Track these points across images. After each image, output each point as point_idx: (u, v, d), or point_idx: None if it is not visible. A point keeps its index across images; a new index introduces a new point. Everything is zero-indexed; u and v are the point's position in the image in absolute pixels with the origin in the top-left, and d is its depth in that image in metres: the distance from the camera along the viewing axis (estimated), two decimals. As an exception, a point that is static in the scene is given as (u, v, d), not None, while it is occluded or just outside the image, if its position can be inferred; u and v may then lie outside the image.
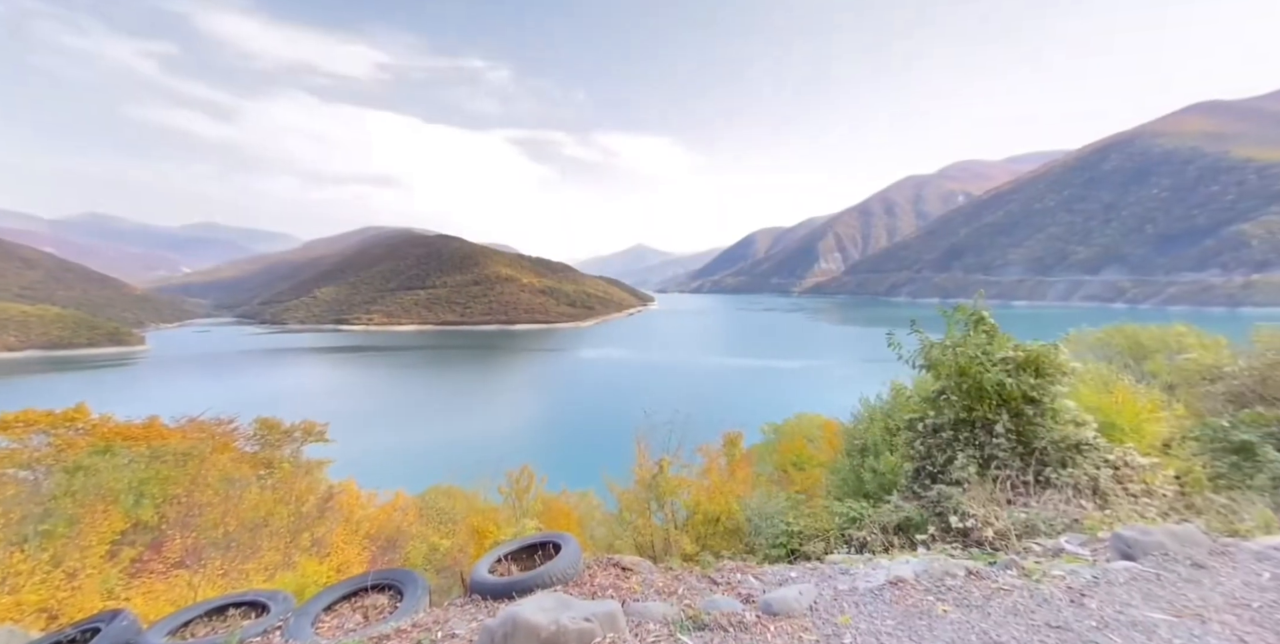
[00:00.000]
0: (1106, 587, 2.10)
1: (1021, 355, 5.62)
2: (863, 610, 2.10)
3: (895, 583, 2.23)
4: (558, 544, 2.89)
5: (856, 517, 6.82)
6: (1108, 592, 2.06)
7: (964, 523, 4.39)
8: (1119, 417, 7.23)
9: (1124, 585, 2.11)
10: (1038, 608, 2.00)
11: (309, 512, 10.29)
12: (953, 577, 2.23)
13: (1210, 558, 2.26)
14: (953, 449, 5.75)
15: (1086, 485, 5.50)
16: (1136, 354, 14.03)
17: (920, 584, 2.22)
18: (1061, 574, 2.19)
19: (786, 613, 2.04)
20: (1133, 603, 1.98)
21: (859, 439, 10.78)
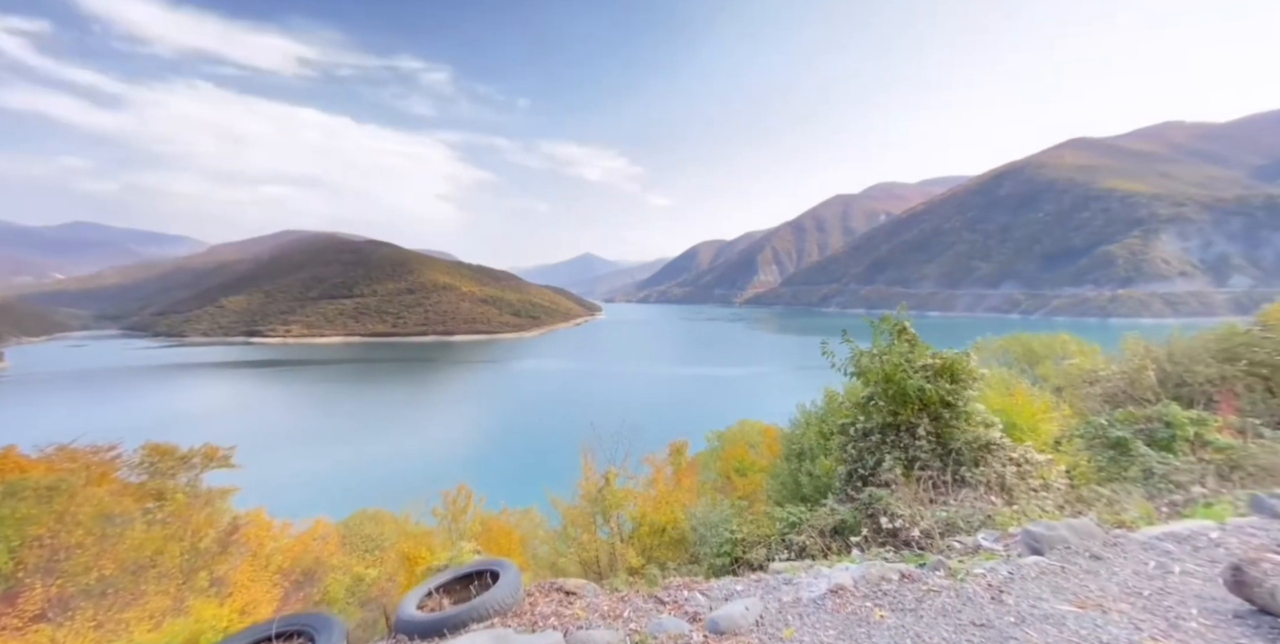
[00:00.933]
0: (1021, 582, 2.25)
1: (938, 363, 6.08)
2: (806, 622, 2.11)
3: (836, 591, 2.26)
4: (495, 572, 2.70)
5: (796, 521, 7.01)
6: (1022, 587, 2.20)
7: (893, 523, 4.63)
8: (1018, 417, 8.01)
9: (1035, 580, 2.27)
10: (964, 607, 2.10)
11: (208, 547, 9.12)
12: (888, 581, 2.30)
13: (1105, 549, 2.49)
14: (881, 452, 6.09)
15: (995, 482, 6.01)
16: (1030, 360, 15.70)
17: (859, 591, 2.27)
18: (982, 572, 2.33)
19: (733, 630, 2.01)
20: (1044, 597, 2.13)
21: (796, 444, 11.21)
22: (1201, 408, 8.10)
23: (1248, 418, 7.62)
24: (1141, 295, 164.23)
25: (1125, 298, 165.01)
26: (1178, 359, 10.01)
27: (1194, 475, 5.92)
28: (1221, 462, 6.19)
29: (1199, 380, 9.22)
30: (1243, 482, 5.51)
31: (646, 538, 10.08)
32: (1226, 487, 4.99)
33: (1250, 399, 8.45)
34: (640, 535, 10.06)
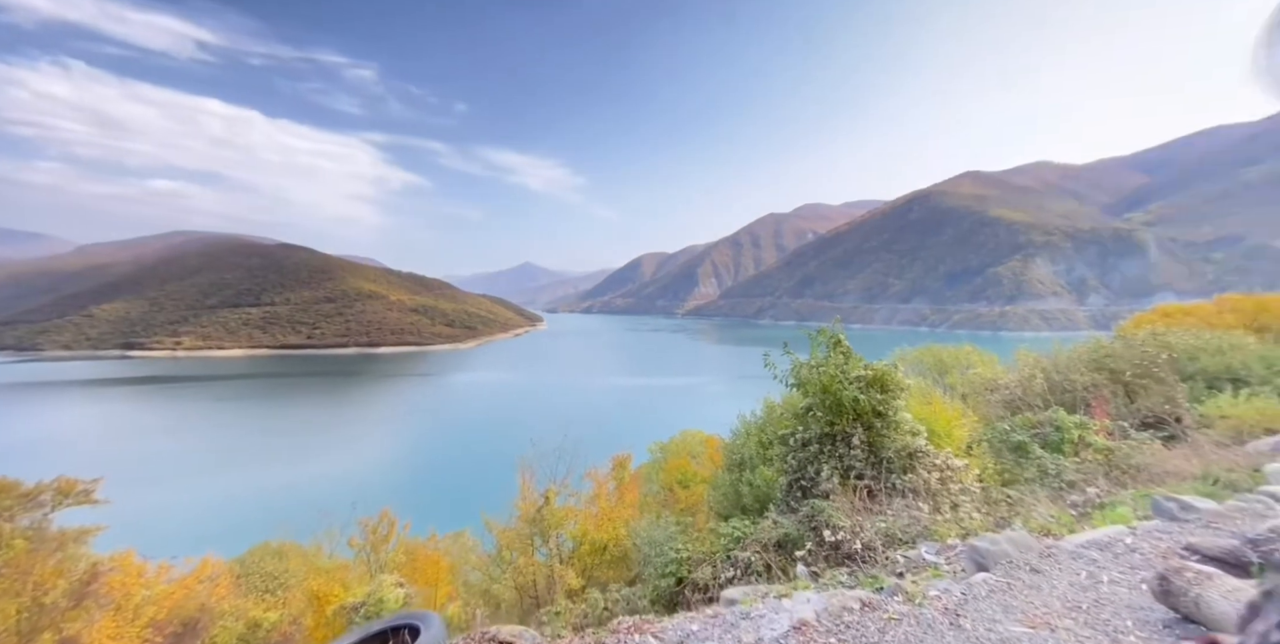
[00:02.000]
0: (974, 602, 2.22)
1: (870, 374, 6.32)
2: (769, 669, 1.93)
3: (798, 627, 2.12)
4: (415, 627, 2.30)
5: (740, 536, 6.93)
6: (976, 608, 2.18)
7: (835, 536, 4.66)
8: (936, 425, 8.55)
9: (986, 599, 2.25)
10: (925, 635, 2.03)
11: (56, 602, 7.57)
12: (850, 611, 2.20)
13: (1041, 561, 2.56)
14: (820, 461, 6.19)
15: (923, 488, 6.32)
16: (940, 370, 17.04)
17: (822, 625, 2.14)
18: (937, 594, 2.29)
19: (692, 690, 1.79)
20: (997, 618, 2.11)
21: (737, 454, 11.30)
22: (1081, 412, 9.17)
23: (1118, 420, 8.72)
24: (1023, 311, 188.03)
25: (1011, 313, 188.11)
26: (1060, 369, 11.33)
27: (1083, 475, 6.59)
28: (1101, 461, 6.95)
29: (1077, 388, 10.47)
30: (1122, 480, 6.20)
31: (587, 557, 9.67)
32: (1113, 486, 5.57)
33: (1116, 404, 9.69)
34: (581, 555, 9.64)
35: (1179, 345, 10.92)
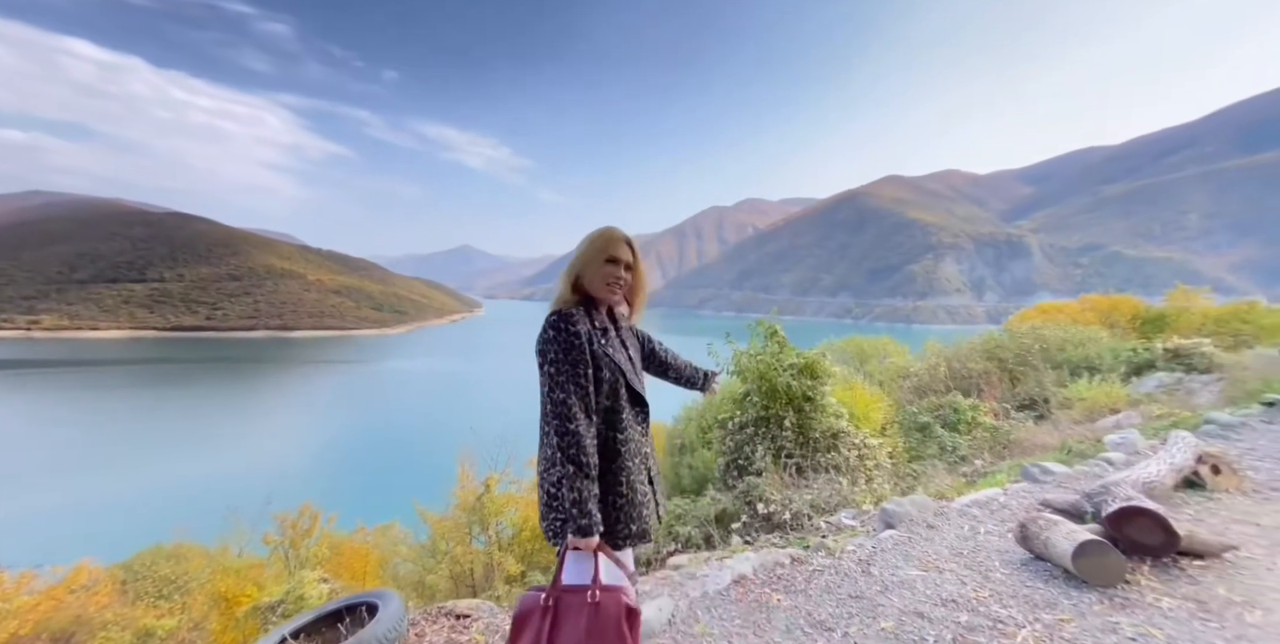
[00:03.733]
0: (881, 554, 2.62)
1: (801, 362, 6.88)
2: (714, 614, 2.18)
3: (738, 581, 2.39)
4: (372, 604, 2.31)
5: (681, 514, 7.32)
6: (883, 558, 2.57)
7: (768, 509, 5.12)
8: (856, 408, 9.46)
9: (891, 550, 2.66)
10: (842, 582, 2.38)
11: None
12: (781, 566, 2.51)
13: (935, 519, 3.03)
14: (755, 443, 6.70)
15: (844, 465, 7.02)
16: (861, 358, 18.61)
17: (758, 578, 2.43)
18: (853, 548, 2.66)
19: (649, 633, 2.00)
20: (899, 565, 2.50)
21: (678, 439, 11.82)
22: (976, 396, 10.52)
23: (1003, 403, 10.12)
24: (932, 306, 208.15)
25: (923, 308, 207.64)
26: (959, 358, 12.87)
27: (973, 450, 7.65)
28: (988, 438, 8.08)
29: (973, 375, 11.98)
30: (1002, 453, 7.27)
31: (528, 543, 9.77)
32: (995, 458, 6.54)
33: (1003, 389, 11.19)
34: (521, 540, 9.72)
35: (1050, 338, 12.71)
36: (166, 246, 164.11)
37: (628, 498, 1.35)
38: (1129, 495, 2.56)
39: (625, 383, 1.41)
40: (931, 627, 2.01)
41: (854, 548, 2.68)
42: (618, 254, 1.44)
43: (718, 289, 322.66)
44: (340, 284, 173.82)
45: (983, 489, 3.71)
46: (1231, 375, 7.86)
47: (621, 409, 1.40)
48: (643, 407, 1.46)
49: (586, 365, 1.34)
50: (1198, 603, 2.07)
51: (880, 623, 2.05)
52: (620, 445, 1.37)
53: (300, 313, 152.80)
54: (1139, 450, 4.01)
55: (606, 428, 1.38)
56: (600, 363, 1.38)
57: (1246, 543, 2.53)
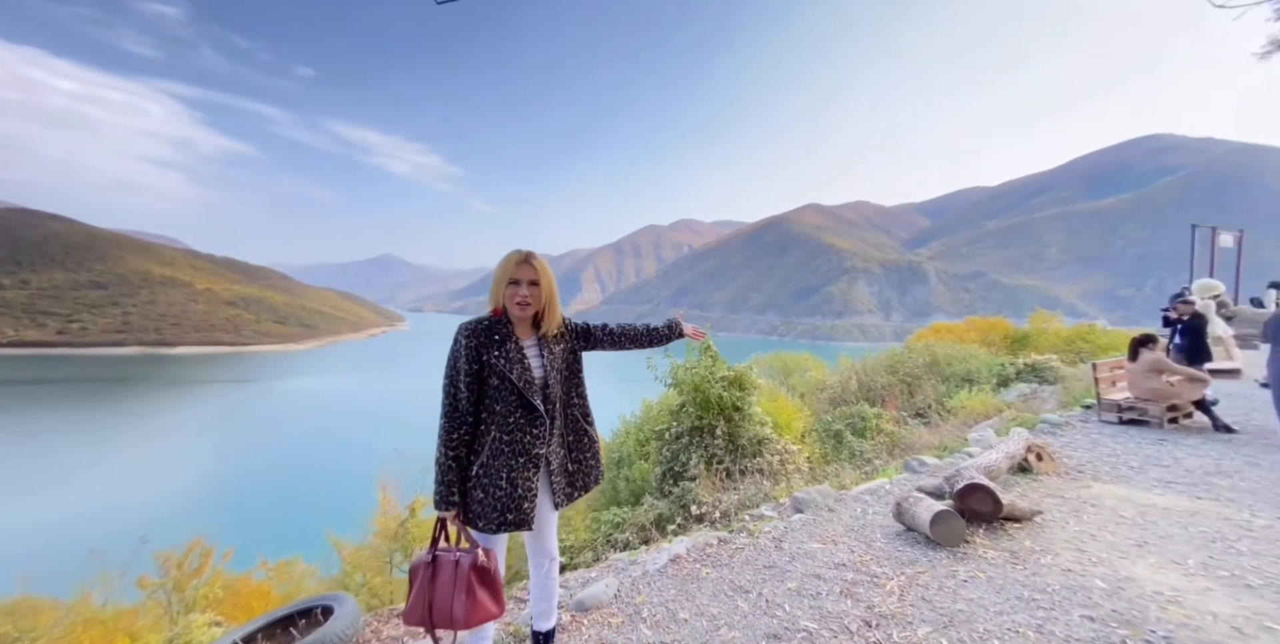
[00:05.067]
0: (791, 533, 3.12)
1: (732, 374, 7.52)
2: (654, 587, 2.53)
3: (674, 560, 2.77)
4: (328, 607, 2.38)
5: (620, 521, 7.60)
6: (792, 536, 3.07)
7: (700, 510, 5.57)
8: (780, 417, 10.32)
9: (800, 530, 3.17)
10: (759, 556, 2.83)
11: None
12: (710, 546, 2.92)
13: (836, 504, 3.62)
14: (689, 451, 7.17)
15: (768, 469, 7.69)
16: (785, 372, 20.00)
17: (691, 557, 2.82)
18: (769, 530, 3.14)
19: (597, 606, 2.30)
20: (804, 540, 3.01)
21: (616, 452, 12.07)
22: (880, 406, 11.86)
23: (901, 411, 11.50)
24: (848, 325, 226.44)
25: (839, 326, 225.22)
26: (868, 372, 14.41)
27: (875, 453, 8.68)
28: (890, 442, 9.19)
29: (878, 387, 13.47)
30: (897, 453, 8.33)
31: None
32: (892, 458, 7.52)
33: (902, 399, 12.69)
34: (450, 565, 9.36)
35: (941, 354, 14.57)
36: (7, 248, 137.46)
37: (506, 491, 1.60)
38: (973, 477, 3.27)
39: (515, 391, 1.63)
40: (825, 584, 2.50)
41: (770, 530, 3.16)
42: (517, 275, 1.65)
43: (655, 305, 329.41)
44: (236, 294, 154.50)
45: (875, 480, 4.41)
46: (1067, 385, 9.61)
47: (509, 413, 1.62)
48: (533, 412, 1.64)
49: (467, 373, 1.60)
50: (1011, 553, 2.75)
51: (787, 584, 2.51)
52: (505, 446, 1.61)
53: (184, 326, 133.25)
54: (991, 445, 4.95)
55: (495, 429, 1.62)
56: (490, 372, 1.62)
57: (1051, 510, 3.33)
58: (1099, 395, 6.07)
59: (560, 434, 1.77)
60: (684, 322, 2.22)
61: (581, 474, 1.83)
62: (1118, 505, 3.36)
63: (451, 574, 1.55)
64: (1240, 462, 4.21)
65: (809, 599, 2.37)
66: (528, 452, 1.63)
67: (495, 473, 1.60)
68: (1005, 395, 11.07)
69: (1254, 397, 6.95)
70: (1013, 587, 2.41)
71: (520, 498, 1.61)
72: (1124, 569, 2.51)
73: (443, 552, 1.61)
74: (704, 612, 2.28)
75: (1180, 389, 5.47)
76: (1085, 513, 3.27)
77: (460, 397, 1.60)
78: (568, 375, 1.85)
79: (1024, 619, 2.14)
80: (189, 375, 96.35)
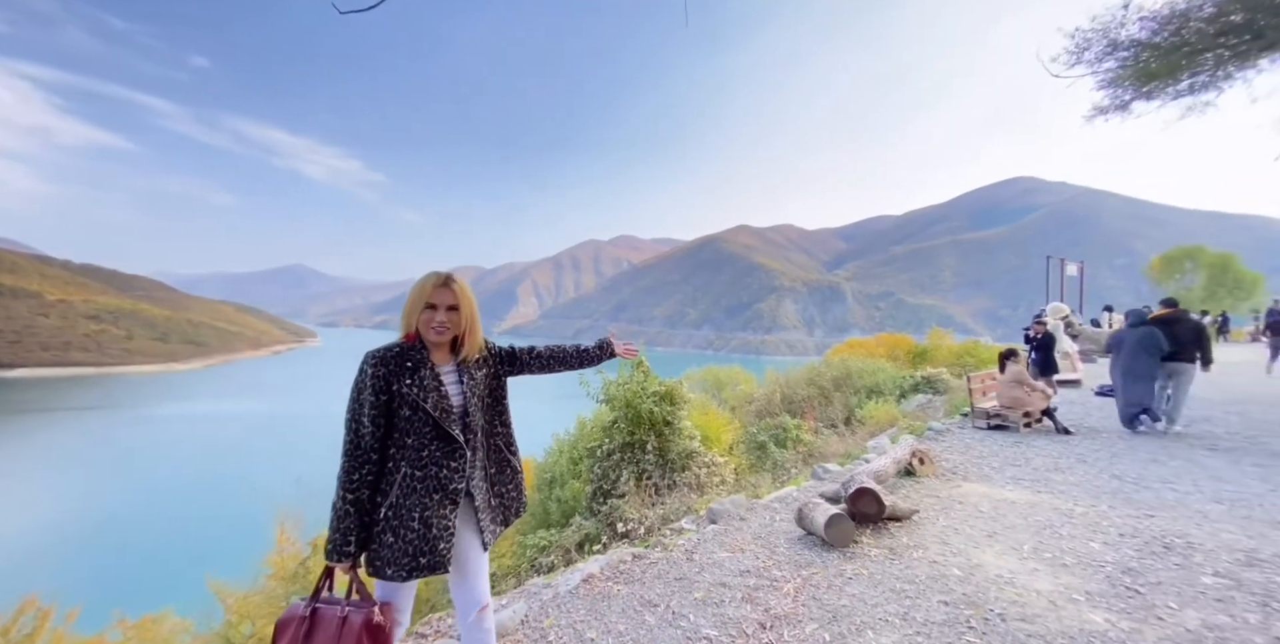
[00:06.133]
0: (704, 544, 3.28)
1: (663, 389, 7.72)
2: (563, 609, 2.55)
3: (586, 580, 2.80)
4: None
5: (546, 545, 7.43)
6: (704, 547, 3.23)
7: (627, 527, 5.61)
8: (709, 430, 10.68)
9: (712, 541, 3.34)
10: (671, 569, 2.94)
11: None
12: (624, 563, 2.99)
13: (747, 513, 3.84)
14: (620, 467, 7.22)
15: (694, 483, 7.89)
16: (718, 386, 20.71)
17: (604, 575, 2.87)
18: (683, 543, 3.28)
19: (503, 634, 2.27)
20: (715, 550, 3.18)
21: (549, 472, 11.80)
22: (801, 416, 12.65)
23: (819, 421, 12.34)
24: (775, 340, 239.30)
25: (769, 341, 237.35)
26: (791, 385, 15.33)
27: (794, 462, 9.22)
28: (807, 451, 9.82)
29: (799, 398, 14.37)
30: (811, 462, 8.92)
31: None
32: (806, 466, 8.06)
33: (820, 409, 13.61)
34: (360, 603, 8.59)
35: (854, 368, 15.84)
36: None
37: (419, 533, 1.42)
38: (863, 481, 3.64)
39: (431, 422, 1.47)
40: (730, 591, 2.66)
41: (684, 542, 3.30)
42: (434, 299, 1.51)
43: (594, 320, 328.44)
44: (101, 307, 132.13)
45: (786, 488, 4.73)
46: (952, 396, 10.86)
47: (423, 446, 1.46)
48: (451, 443, 1.50)
49: (373, 406, 1.43)
50: (891, 550, 3.09)
51: (694, 594, 2.64)
52: (417, 483, 1.44)
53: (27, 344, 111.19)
54: (885, 451, 5.49)
55: (406, 465, 1.45)
56: (401, 402, 1.45)
57: (927, 508, 3.77)
58: (972, 404, 6.96)
59: (482, 466, 1.63)
60: (615, 340, 2.12)
61: (503, 508, 1.71)
62: (979, 501, 3.88)
63: (335, 633, 1.32)
64: (1073, 459, 5.03)
65: (713, 607, 2.51)
66: (444, 487, 1.47)
67: (407, 513, 1.43)
68: (906, 405, 12.26)
69: (1089, 403, 8.30)
70: (888, 580, 2.71)
71: (435, 538, 1.44)
72: (976, 557, 2.92)
73: (326, 604, 1.38)
74: (611, 629, 2.34)
75: (1033, 398, 6.43)
76: (953, 510, 3.74)
77: (364, 432, 1.44)
78: (490, 402, 1.73)
79: (894, 608, 2.42)
80: (32, 402, 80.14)
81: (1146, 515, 3.51)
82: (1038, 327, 9.71)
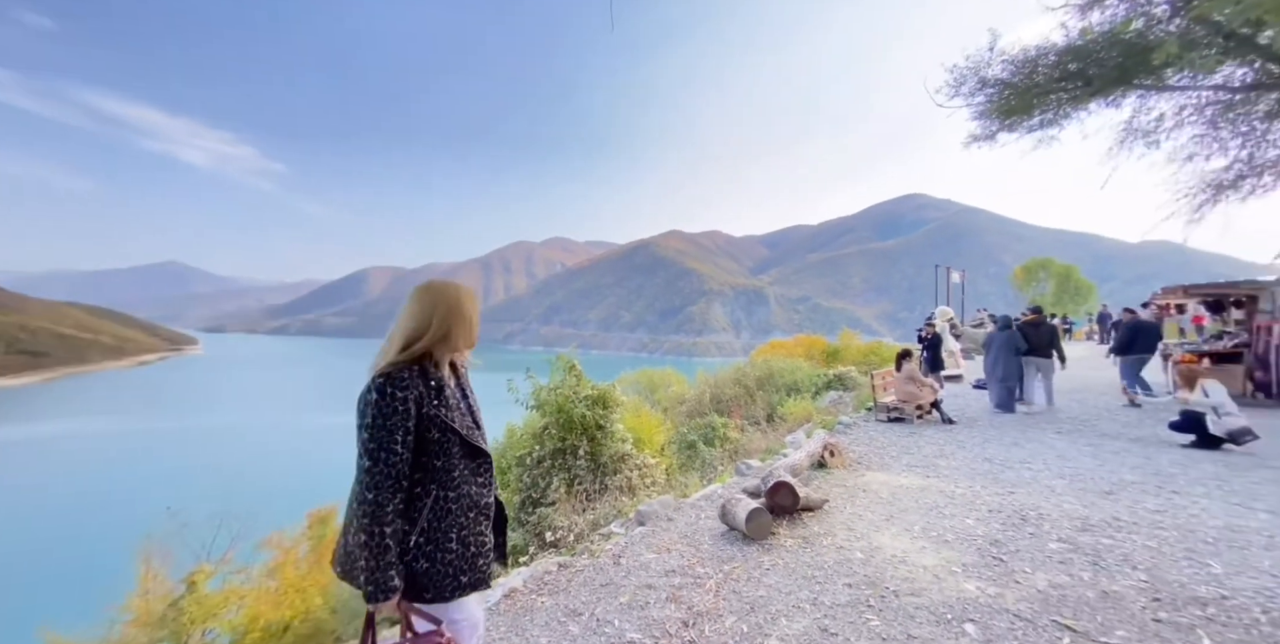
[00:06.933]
0: (631, 547, 3.30)
1: (595, 393, 7.67)
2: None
3: (508, 595, 2.70)
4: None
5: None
6: (631, 550, 3.25)
7: (555, 536, 5.50)
8: (641, 432, 10.79)
9: (639, 543, 3.37)
10: (597, 575, 2.93)
11: None
12: (549, 573, 2.93)
13: (674, 513, 3.92)
14: (551, 475, 7.06)
15: (626, 486, 7.91)
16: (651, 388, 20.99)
17: (527, 588, 2.79)
18: (610, 548, 3.27)
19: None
20: (642, 553, 3.21)
21: (471, 484, 11.26)
22: (728, 415, 13.17)
23: (744, 419, 12.92)
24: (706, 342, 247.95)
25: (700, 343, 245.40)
26: (720, 385, 15.93)
27: (721, 459, 9.59)
28: (732, 448, 10.24)
29: (727, 397, 14.97)
30: (736, 458, 9.34)
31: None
32: (732, 463, 8.43)
33: (746, 407, 14.27)
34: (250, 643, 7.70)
35: (775, 368, 16.77)
36: None
37: (457, 553, 1.40)
38: (781, 475, 3.87)
39: (460, 441, 1.44)
40: (655, 592, 2.70)
41: (611, 547, 3.30)
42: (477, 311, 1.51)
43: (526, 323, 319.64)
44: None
45: (712, 486, 4.90)
46: (859, 392, 11.90)
47: (454, 467, 1.43)
48: (482, 458, 1.50)
49: (407, 432, 1.36)
50: (804, 539, 3.32)
51: (619, 599, 2.65)
52: (451, 503, 1.41)
53: None
54: (801, 445, 5.89)
55: (437, 487, 1.41)
56: (430, 425, 1.40)
57: (836, 498, 4.10)
58: (875, 399, 7.67)
59: None
60: None
61: None
62: (879, 489, 4.28)
63: None
64: (954, 446, 5.72)
65: (638, 610, 2.53)
66: (477, 504, 1.45)
67: (442, 535, 1.39)
68: (820, 402, 13.22)
69: (969, 395, 9.49)
70: (801, 568, 2.90)
71: (475, 556, 1.43)
72: (875, 540, 3.22)
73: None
74: (533, 643, 2.28)
75: (923, 392, 7.22)
76: (858, 497, 4.09)
77: (395, 460, 1.34)
78: None
79: (805, 594, 2.60)
80: None
81: (1009, 492, 4.08)
82: (928, 328, 10.95)
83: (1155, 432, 6.06)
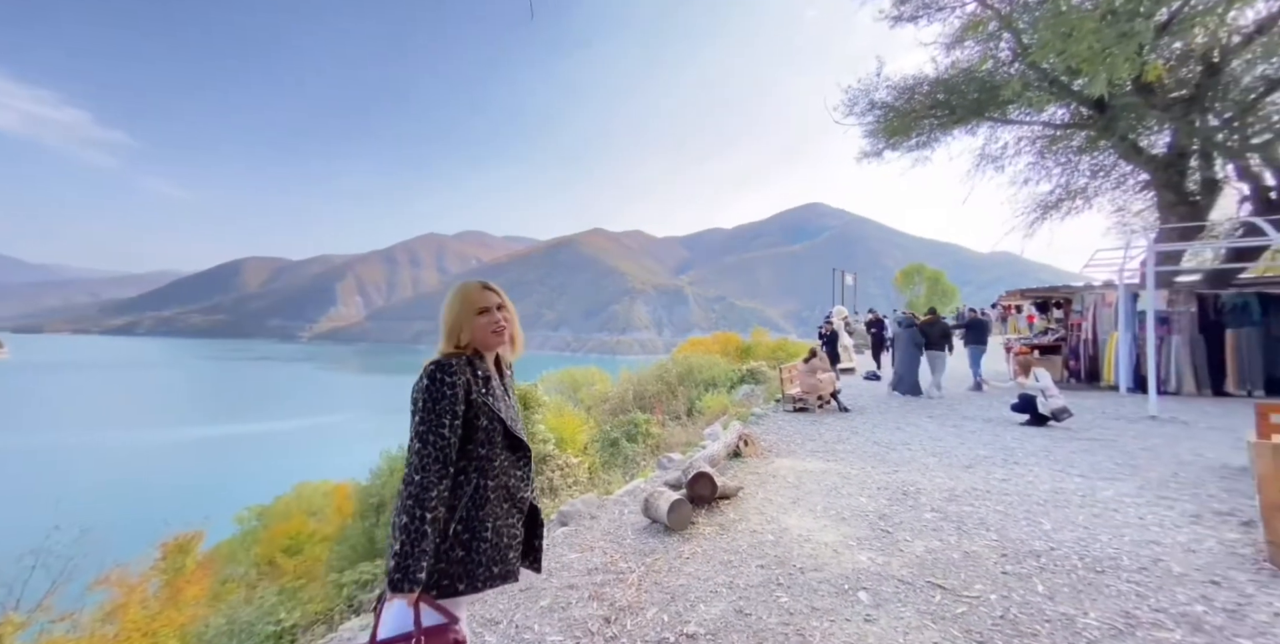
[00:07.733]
0: (553, 548, 3.23)
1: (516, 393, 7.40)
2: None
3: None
4: None
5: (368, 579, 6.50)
6: (553, 552, 3.18)
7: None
8: (564, 432, 10.63)
9: (562, 543, 3.30)
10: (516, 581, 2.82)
11: None
12: (465, 586, 2.76)
13: (598, 511, 3.90)
14: (465, 482, 6.70)
15: (547, 486, 7.74)
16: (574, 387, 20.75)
17: (441, 604, 2.60)
18: (531, 551, 3.17)
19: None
20: (564, 552, 3.15)
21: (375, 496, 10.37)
22: (650, 411, 13.41)
23: (666, 415, 13.24)
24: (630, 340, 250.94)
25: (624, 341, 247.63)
26: (643, 382, 16.16)
27: (643, 455, 9.75)
28: (655, 444, 10.45)
29: (649, 394, 15.24)
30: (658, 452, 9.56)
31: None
32: (655, 458, 8.61)
33: (668, 403, 14.63)
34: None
35: (695, 364, 17.36)
36: None
37: (492, 543, 1.41)
38: (700, 466, 4.02)
39: (504, 430, 1.47)
40: (577, 592, 2.67)
41: (531, 551, 3.20)
42: (484, 303, 1.53)
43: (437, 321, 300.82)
44: None
45: (635, 481, 4.96)
46: (769, 385, 12.75)
47: (496, 456, 1.46)
48: (523, 451, 1.54)
49: (455, 416, 1.38)
50: (721, 526, 3.48)
51: (541, 603, 2.58)
52: (490, 492, 1.43)
53: None
54: (718, 437, 6.18)
55: (478, 475, 1.43)
56: (479, 412, 1.43)
57: (749, 485, 4.35)
58: (783, 391, 8.27)
59: None
60: None
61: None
62: (787, 474, 4.62)
63: None
64: (849, 432, 6.35)
65: (559, 612, 2.48)
66: (513, 496, 1.47)
67: (479, 524, 1.38)
68: (735, 395, 13.96)
69: (860, 386, 10.60)
70: (718, 554, 3.03)
71: (506, 548, 1.43)
72: (784, 522, 3.46)
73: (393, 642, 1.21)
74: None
75: (823, 384, 7.93)
76: (769, 483, 4.38)
77: (444, 445, 1.34)
78: None
79: (722, 579, 2.72)
80: None
81: (893, 471, 4.61)
82: (826, 326, 12.03)
83: (1002, 413, 7.21)
